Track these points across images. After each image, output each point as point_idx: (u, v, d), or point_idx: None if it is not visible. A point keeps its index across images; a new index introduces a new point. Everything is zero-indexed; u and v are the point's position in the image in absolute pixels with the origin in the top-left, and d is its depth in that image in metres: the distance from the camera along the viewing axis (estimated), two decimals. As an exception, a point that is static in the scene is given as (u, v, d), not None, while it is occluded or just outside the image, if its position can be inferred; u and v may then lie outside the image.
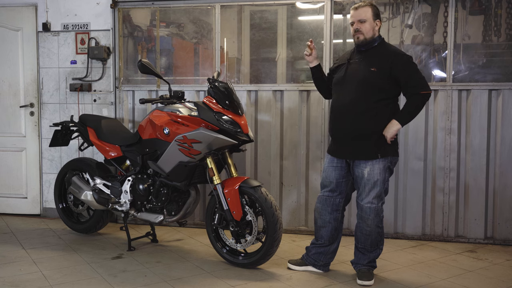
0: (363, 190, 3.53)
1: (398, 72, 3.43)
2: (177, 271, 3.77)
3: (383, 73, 3.44)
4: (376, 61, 3.47)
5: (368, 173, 3.48)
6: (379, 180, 3.48)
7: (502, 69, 4.63)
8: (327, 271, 3.77)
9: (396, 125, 3.44)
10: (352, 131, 3.51)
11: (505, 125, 4.46)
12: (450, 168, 4.55)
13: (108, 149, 4.41)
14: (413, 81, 3.43)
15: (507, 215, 4.49)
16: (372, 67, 3.46)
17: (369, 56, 3.53)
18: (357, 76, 3.51)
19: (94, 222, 4.67)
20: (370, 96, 3.46)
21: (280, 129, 4.85)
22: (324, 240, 3.72)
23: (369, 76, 3.46)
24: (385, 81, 3.45)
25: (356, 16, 3.52)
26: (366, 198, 3.51)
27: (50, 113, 5.32)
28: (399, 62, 3.44)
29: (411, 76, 3.44)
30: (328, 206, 3.68)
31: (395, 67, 3.43)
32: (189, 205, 4.07)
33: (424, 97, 3.45)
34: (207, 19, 5.23)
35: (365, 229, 3.56)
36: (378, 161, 3.47)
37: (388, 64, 3.43)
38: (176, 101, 4.00)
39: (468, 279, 3.67)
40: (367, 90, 3.46)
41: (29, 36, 5.34)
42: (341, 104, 3.56)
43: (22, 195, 5.46)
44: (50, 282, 3.52)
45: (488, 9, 4.69)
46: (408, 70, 3.44)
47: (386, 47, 3.57)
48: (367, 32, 3.51)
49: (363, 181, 3.51)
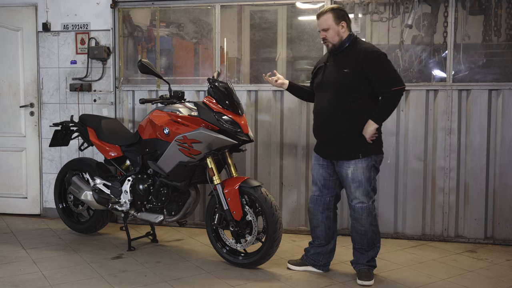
0: (349, 190, 3.55)
1: (369, 70, 3.41)
2: (177, 271, 3.77)
3: (356, 73, 3.43)
4: (348, 62, 3.47)
5: (351, 173, 3.49)
6: (363, 179, 3.49)
7: (502, 69, 4.62)
8: (327, 271, 3.77)
9: (373, 125, 3.43)
10: (333, 133, 3.54)
11: (505, 125, 4.45)
12: (450, 168, 4.55)
13: (108, 149, 4.41)
14: (384, 78, 3.41)
15: (507, 215, 4.49)
16: (345, 68, 3.46)
17: (342, 58, 3.54)
18: (332, 78, 3.54)
19: (94, 222, 4.67)
20: (346, 97, 3.47)
21: (280, 129, 4.85)
22: (320, 240, 3.74)
23: (343, 77, 3.47)
24: (359, 81, 3.44)
25: (319, 26, 3.56)
26: (354, 198, 3.53)
27: (50, 113, 5.32)
28: (370, 59, 3.41)
29: (382, 73, 3.41)
30: (319, 206, 3.71)
31: (366, 65, 3.41)
32: (189, 205, 4.07)
33: (396, 93, 3.42)
34: (207, 19, 5.23)
35: (359, 229, 3.56)
36: (360, 160, 3.48)
37: (360, 63, 3.42)
38: (176, 101, 4.00)
39: (468, 279, 3.67)
40: (342, 92, 3.48)
41: (29, 36, 5.34)
42: (321, 107, 3.61)
43: (22, 195, 5.46)
44: (50, 282, 3.52)
45: (488, 9, 4.69)
46: (378, 68, 3.41)
47: (358, 46, 3.52)
48: (333, 39, 3.52)
49: (348, 181, 3.53)
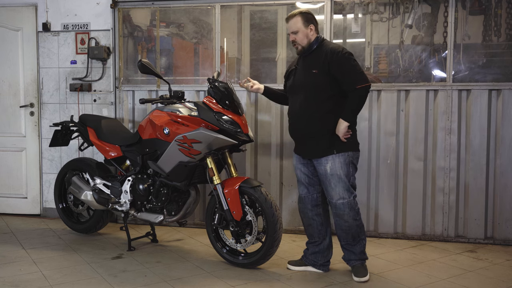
0: (329, 187, 3.58)
1: (335, 69, 3.49)
2: (177, 271, 3.77)
3: (323, 73, 3.52)
4: (316, 63, 3.57)
5: (330, 168, 3.55)
6: (342, 174, 3.54)
7: (502, 69, 4.62)
8: (327, 270, 3.77)
9: (343, 123, 3.51)
10: (306, 132, 3.63)
11: (505, 125, 4.45)
12: (450, 168, 4.55)
13: (108, 149, 4.41)
14: (348, 77, 3.48)
15: (507, 215, 4.49)
16: (314, 69, 3.56)
17: (310, 59, 3.64)
18: (302, 80, 3.64)
19: (94, 222, 4.67)
20: (315, 97, 3.56)
21: (280, 129, 4.85)
22: (315, 238, 3.77)
23: (311, 78, 3.57)
24: (326, 81, 3.53)
25: (289, 29, 3.67)
26: (335, 195, 3.56)
27: (50, 113, 5.32)
28: (335, 59, 3.49)
29: (347, 72, 3.48)
30: (308, 204, 3.76)
31: (332, 65, 3.50)
32: (189, 205, 4.07)
33: (361, 91, 3.48)
34: (207, 19, 5.23)
35: (343, 225, 3.61)
36: (337, 156, 3.54)
37: (326, 63, 3.51)
38: (176, 101, 4.00)
39: (468, 279, 3.67)
40: (311, 93, 3.57)
41: (29, 36, 5.34)
42: (294, 109, 3.70)
43: (22, 195, 5.46)
44: (50, 282, 3.52)
45: (488, 9, 4.69)
46: (343, 67, 3.49)
47: (325, 47, 3.60)
48: (302, 41, 3.63)
49: (327, 178, 3.57)
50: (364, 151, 4.63)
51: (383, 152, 4.65)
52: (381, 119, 4.64)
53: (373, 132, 4.66)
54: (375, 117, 4.65)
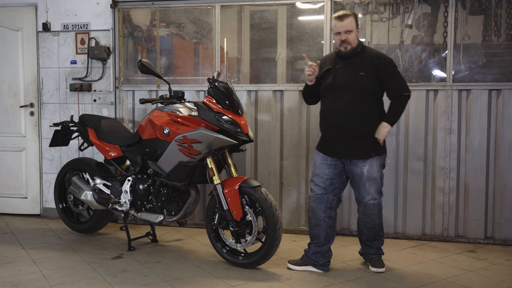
0: (363, 188, 3.68)
1: (383, 74, 3.63)
2: (177, 271, 3.77)
3: (371, 76, 3.62)
4: (363, 66, 3.64)
5: (367, 171, 3.63)
6: (378, 177, 3.68)
7: (502, 69, 4.62)
8: (327, 271, 3.78)
9: (387, 127, 3.64)
10: (349, 133, 3.64)
11: (505, 125, 4.45)
12: (450, 168, 4.55)
13: (108, 149, 4.41)
14: (396, 83, 3.67)
15: (507, 215, 4.49)
16: (361, 72, 3.62)
17: (355, 61, 3.69)
18: (347, 81, 3.65)
19: (94, 222, 4.67)
20: (363, 99, 3.64)
21: (280, 129, 4.85)
22: (320, 239, 3.77)
23: (360, 80, 3.62)
24: (373, 84, 3.64)
25: (343, 27, 3.65)
26: (368, 195, 3.69)
27: (50, 113, 5.32)
28: (384, 64, 3.63)
29: (394, 78, 3.66)
30: (322, 205, 3.75)
31: (381, 70, 3.63)
32: (189, 205, 4.06)
33: (406, 98, 3.69)
34: (207, 19, 5.23)
35: (369, 223, 3.77)
36: (375, 159, 3.66)
37: (374, 67, 3.63)
38: (176, 101, 4.00)
39: (468, 279, 3.67)
40: (360, 94, 3.63)
41: (29, 36, 5.34)
42: (336, 109, 3.68)
43: (22, 195, 5.46)
44: (50, 282, 3.52)
45: (488, 9, 4.69)
46: (392, 73, 3.66)
47: (368, 50, 3.73)
48: (353, 42, 3.67)
49: (362, 179, 3.65)
50: (364, 151, 4.64)
51: (383, 152, 4.65)
52: (381, 119, 4.64)
53: (373, 132, 4.66)
54: (375, 117, 4.65)
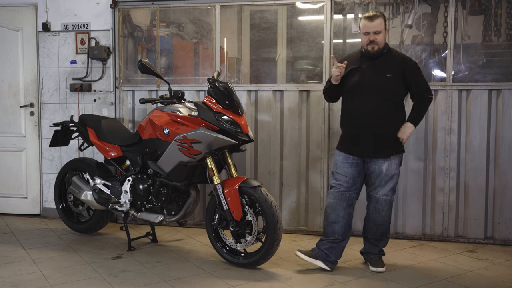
0: (379, 184, 3.73)
1: (410, 77, 3.70)
2: (177, 271, 3.77)
3: (398, 78, 3.68)
4: (390, 67, 3.69)
5: (386, 169, 3.70)
6: (396, 174, 3.75)
7: (502, 69, 4.62)
8: (333, 269, 3.78)
9: (411, 127, 3.71)
10: (375, 133, 3.69)
11: (505, 125, 4.45)
12: (450, 168, 4.55)
13: (108, 149, 4.41)
14: (422, 86, 3.75)
15: (507, 215, 4.49)
16: (388, 73, 3.67)
17: (381, 62, 3.72)
18: (374, 82, 3.69)
19: (94, 222, 4.67)
20: (389, 99, 3.70)
21: (280, 129, 4.85)
22: (338, 236, 3.76)
23: (386, 81, 3.67)
24: (399, 85, 3.71)
25: (372, 28, 3.66)
26: (381, 191, 3.74)
27: (50, 113, 5.32)
28: (410, 67, 3.71)
29: (420, 81, 3.74)
30: (344, 202, 3.77)
31: (407, 72, 3.69)
32: (189, 205, 4.06)
33: (430, 101, 3.80)
34: (207, 19, 5.23)
35: (378, 220, 3.80)
36: (395, 157, 3.73)
37: (401, 70, 3.68)
38: (176, 101, 4.00)
39: (468, 279, 3.67)
40: (386, 95, 3.68)
41: (29, 36, 5.34)
42: (362, 108, 3.71)
43: (22, 195, 5.46)
44: (50, 282, 3.52)
45: (488, 9, 4.69)
46: (418, 76, 3.74)
47: (394, 53, 3.80)
48: (381, 43, 3.70)
49: (380, 176, 3.72)
50: (364, 151, 4.64)
51: (383, 152, 4.64)
52: (381, 119, 4.64)
53: (373, 132, 4.66)
54: (375, 117, 4.65)
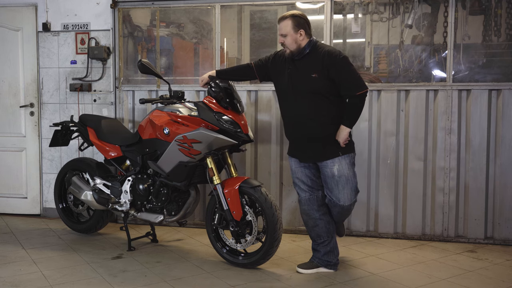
0: (336, 189, 3.58)
1: (334, 73, 3.47)
2: (177, 271, 3.77)
3: (324, 77, 3.49)
4: (314, 67, 3.50)
5: (337, 170, 3.55)
6: (350, 175, 3.58)
7: (502, 69, 4.62)
8: (337, 269, 3.77)
9: (345, 130, 3.53)
10: (310, 136, 3.58)
11: (505, 125, 4.45)
12: (450, 168, 4.55)
13: (108, 149, 4.41)
14: (347, 82, 3.48)
15: (507, 215, 4.49)
16: (312, 74, 3.49)
17: (305, 63, 3.56)
18: (301, 83, 3.54)
19: (94, 222, 4.67)
20: (319, 101, 3.53)
21: (280, 129, 4.85)
22: (323, 237, 3.73)
23: (312, 82, 3.50)
24: (327, 84, 3.50)
25: (279, 30, 3.58)
26: (344, 197, 3.59)
27: (50, 113, 5.32)
28: (333, 62, 3.46)
29: (345, 76, 3.47)
30: (314, 204, 3.71)
31: (330, 68, 3.47)
32: (189, 205, 4.07)
33: (361, 97, 3.50)
34: (207, 19, 5.23)
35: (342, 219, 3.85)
36: (343, 157, 3.56)
37: (325, 67, 3.47)
38: (176, 101, 4.00)
39: (468, 279, 3.67)
40: (316, 96, 3.52)
41: (29, 36, 5.34)
42: (293, 112, 3.62)
43: (22, 195, 5.46)
44: (50, 282, 3.52)
45: (488, 9, 4.69)
46: (342, 71, 3.47)
47: (319, 49, 3.54)
48: (291, 45, 3.55)
49: (334, 180, 3.57)
50: (364, 151, 4.64)
51: (383, 152, 4.65)
52: (381, 119, 4.64)
53: (373, 132, 4.66)
54: (375, 117, 4.65)
